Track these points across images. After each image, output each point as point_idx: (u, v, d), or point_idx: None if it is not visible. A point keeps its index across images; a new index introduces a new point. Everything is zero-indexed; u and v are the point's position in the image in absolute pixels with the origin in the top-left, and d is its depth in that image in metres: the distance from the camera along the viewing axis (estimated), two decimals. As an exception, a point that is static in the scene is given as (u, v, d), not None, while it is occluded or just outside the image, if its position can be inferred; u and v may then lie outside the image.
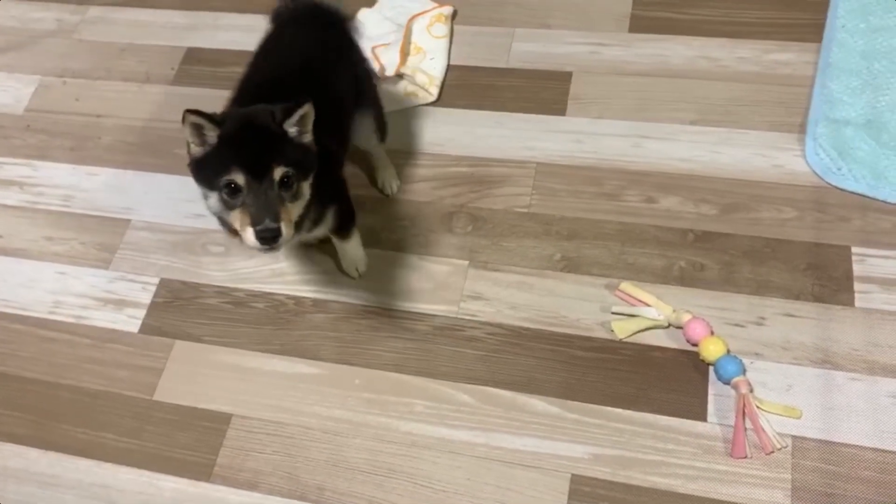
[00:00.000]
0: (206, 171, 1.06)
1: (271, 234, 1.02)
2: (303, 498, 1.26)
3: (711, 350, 1.26)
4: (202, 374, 1.39)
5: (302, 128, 1.07)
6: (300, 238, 1.24)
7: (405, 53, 1.72)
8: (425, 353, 1.36)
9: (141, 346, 1.44)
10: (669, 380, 1.28)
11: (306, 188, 1.10)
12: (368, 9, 1.85)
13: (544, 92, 1.66)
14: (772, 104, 1.57)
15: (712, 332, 1.28)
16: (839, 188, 1.43)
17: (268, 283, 1.48)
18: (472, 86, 1.70)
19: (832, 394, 1.23)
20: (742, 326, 1.31)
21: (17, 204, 1.68)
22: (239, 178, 1.03)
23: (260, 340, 1.42)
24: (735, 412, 1.22)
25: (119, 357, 1.44)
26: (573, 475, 1.22)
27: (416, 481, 1.25)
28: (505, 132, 1.61)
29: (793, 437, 1.20)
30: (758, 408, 1.21)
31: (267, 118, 1.05)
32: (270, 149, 1.04)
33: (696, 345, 1.28)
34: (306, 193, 1.10)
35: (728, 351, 1.26)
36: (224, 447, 1.31)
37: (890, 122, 1.47)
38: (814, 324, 1.30)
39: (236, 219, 1.05)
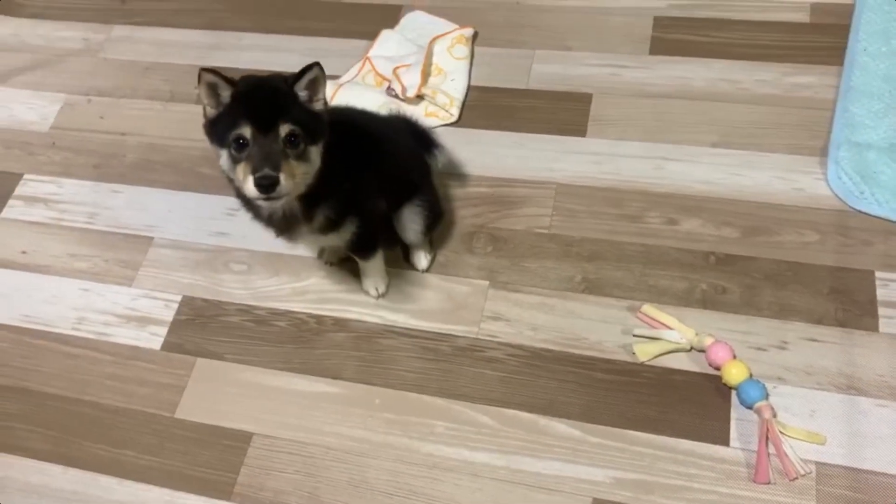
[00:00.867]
0: (218, 128, 1.10)
1: (269, 182, 1.04)
2: (323, 518, 1.26)
3: (734, 374, 1.25)
4: (224, 392, 1.40)
5: (312, 93, 1.11)
6: (316, 239, 1.28)
7: (426, 74, 1.73)
8: (446, 373, 1.36)
9: (163, 363, 1.45)
10: (691, 403, 1.27)
11: (314, 154, 1.12)
12: (390, 30, 1.87)
13: (564, 113, 1.67)
14: (793, 127, 1.57)
15: (734, 356, 1.28)
16: (862, 212, 1.43)
17: (289, 302, 1.49)
18: (492, 107, 1.71)
19: (857, 420, 1.22)
20: (764, 350, 1.31)
21: (42, 220, 1.70)
22: (246, 131, 1.06)
23: (281, 359, 1.42)
24: (758, 437, 1.21)
25: (141, 374, 1.44)
26: (594, 499, 1.21)
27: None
28: (525, 153, 1.62)
29: (817, 464, 1.19)
30: (781, 433, 1.20)
31: (278, 81, 1.10)
32: (279, 107, 1.08)
33: (718, 368, 1.28)
34: (314, 160, 1.12)
35: (751, 375, 1.26)
36: (245, 466, 1.32)
37: (913, 146, 1.47)
38: (837, 349, 1.29)
39: (241, 172, 1.07)
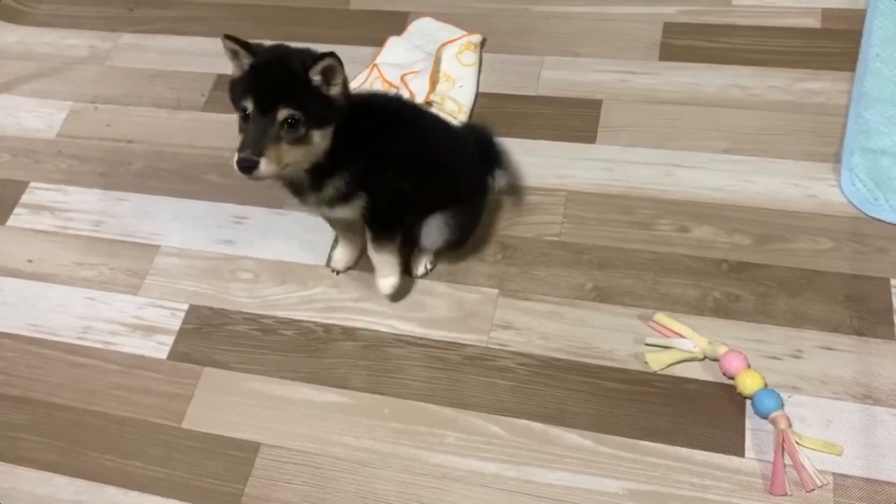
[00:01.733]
0: (234, 92, 1.12)
1: (247, 164, 1.07)
2: (331, 530, 1.24)
3: (748, 383, 1.23)
4: (231, 402, 1.38)
5: (328, 78, 1.10)
6: (317, 209, 1.27)
7: (434, 81, 1.72)
8: (455, 382, 1.35)
9: (169, 372, 1.44)
10: (705, 413, 1.26)
11: (317, 138, 1.12)
12: (398, 37, 1.86)
13: (574, 120, 1.66)
14: (805, 133, 1.55)
15: (749, 365, 1.26)
16: (877, 219, 1.41)
17: (297, 311, 1.47)
18: (501, 113, 1.70)
19: (874, 430, 1.20)
20: (779, 359, 1.29)
21: (47, 229, 1.69)
22: (249, 105, 1.08)
23: (289, 368, 1.41)
24: (774, 447, 1.19)
25: (147, 384, 1.43)
26: (607, 511, 1.20)
27: (447, 515, 1.23)
28: (534, 160, 1.60)
29: (834, 475, 1.17)
30: (797, 443, 1.18)
31: (295, 61, 1.09)
32: (284, 90, 1.08)
33: (732, 378, 1.26)
34: (317, 143, 1.12)
35: (765, 384, 1.24)
36: (252, 477, 1.30)
37: (927, 151, 1.45)
38: (853, 357, 1.27)
39: (239, 142, 1.10)
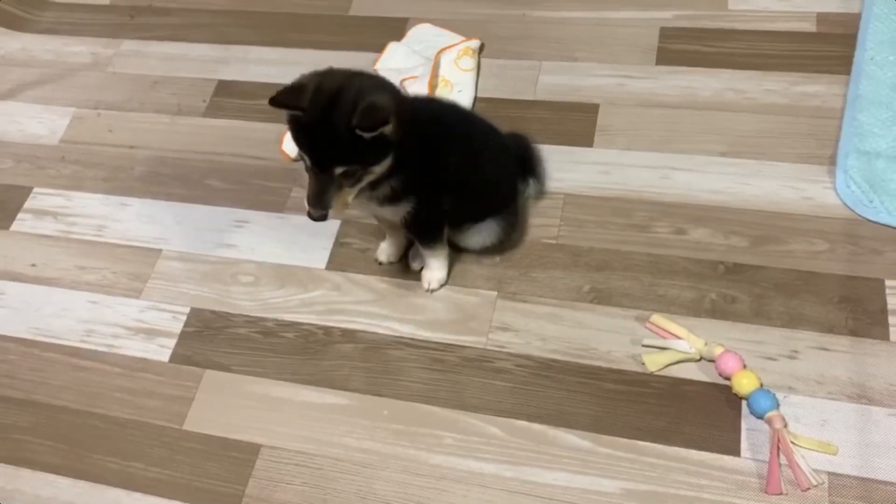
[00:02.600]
0: (291, 130, 1.13)
1: (318, 218, 1.15)
2: (332, 530, 1.25)
3: (744, 384, 1.24)
4: (232, 404, 1.40)
5: (376, 126, 1.09)
6: (367, 205, 1.28)
7: (433, 86, 1.74)
8: (454, 384, 1.36)
9: (171, 375, 1.45)
10: (702, 414, 1.27)
11: (378, 168, 1.15)
12: (397, 42, 1.88)
13: (571, 123, 1.67)
14: (801, 136, 1.56)
15: (745, 366, 1.27)
16: (871, 221, 1.42)
17: (297, 313, 1.49)
18: (499, 118, 1.68)
19: (869, 430, 1.21)
20: (775, 360, 1.30)
21: (51, 233, 1.71)
22: (307, 160, 1.13)
23: (289, 370, 1.42)
24: (769, 447, 1.20)
25: (149, 386, 1.44)
26: (605, 510, 1.21)
27: (446, 515, 1.24)
28: (532, 163, 1.62)
29: (829, 474, 1.18)
30: (793, 443, 1.19)
31: (340, 118, 1.07)
32: (336, 149, 1.10)
33: (728, 378, 1.27)
34: (378, 171, 1.16)
35: (761, 385, 1.25)
36: (253, 478, 1.31)
37: (922, 154, 1.47)
38: (848, 358, 1.28)
39: (306, 181, 1.15)
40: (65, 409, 1.45)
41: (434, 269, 1.46)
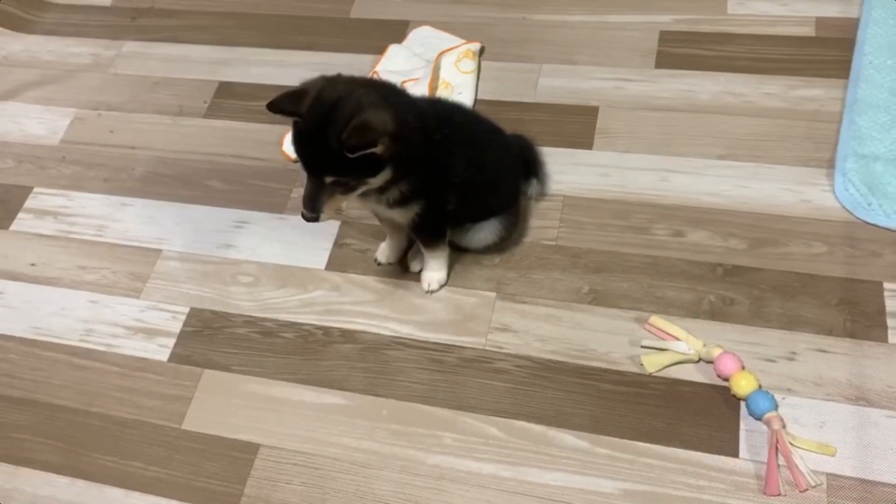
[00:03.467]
0: (292, 132, 1.14)
1: (309, 220, 1.16)
2: (330, 530, 1.25)
3: (743, 385, 1.25)
4: (231, 404, 1.40)
5: (367, 144, 1.09)
6: (374, 207, 1.30)
7: (434, 88, 1.75)
8: (453, 384, 1.36)
9: (170, 374, 1.45)
10: (700, 415, 1.27)
11: (372, 180, 1.16)
12: (398, 45, 1.89)
13: (571, 126, 1.68)
14: (799, 139, 1.57)
15: (743, 367, 1.27)
16: (870, 223, 1.42)
17: (296, 314, 1.49)
18: (499, 120, 1.68)
19: (868, 431, 1.21)
20: (773, 361, 1.30)
21: (51, 233, 1.71)
22: (301, 165, 1.14)
23: (288, 370, 1.42)
24: (768, 448, 1.20)
25: (148, 386, 1.45)
26: (603, 511, 1.21)
27: (444, 515, 1.24)
28: (532, 166, 1.62)
29: (827, 475, 1.18)
30: (791, 444, 1.20)
31: (333, 132, 1.07)
32: (326, 161, 1.11)
33: (726, 379, 1.27)
34: (374, 182, 1.16)
35: (760, 386, 1.25)
36: (251, 477, 1.31)
37: (920, 157, 1.47)
38: (847, 360, 1.29)
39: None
40: (64, 409, 1.45)
41: (434, 270, 1.46)
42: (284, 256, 1.58)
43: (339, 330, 1.46)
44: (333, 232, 1.58)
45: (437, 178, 1.27)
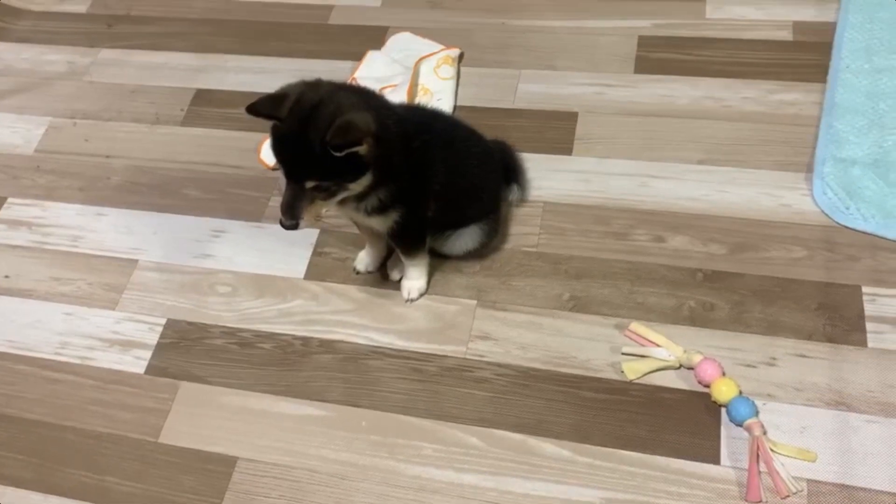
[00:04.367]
0: (271, 138, 1.13)
1: (288, 226, 1.15)
2: (309, 544, 1.23)
3: (723, 391, 1.24)
4: (208, 417, 1.38)
5: (351, 144, 1.08)
6: (352, 214, 1.29)
7: (413, 95, 1.74)
8: (433, 394, 1.35)
9: (146, 387, 1.43)
10: (681, 422, 1.26)
11: (352, 186, 1.15)
12: (376, 51, 1.88)
13: (550, 132, 1.68)
14: (778, 144, 1.57)
15: (724, 373, 1.27)
16: (848, 227, 1.43)
17: (275, 324, 1.47)
18: (479, 126, 1.67)
19: (848, 436, 1.21)
20: (754, 367, 1.30)
21: (25, 244, 1.68)
22: (281, 170, 1.13)
23: (266, 382, 1.40)
24: (749, 455, 1.20)
25: (124, 399, 1.42)
26: (585, 520, 1.20)
27: (425, 526, 1.23)
28: (512, 172, 1.61)
29: (808, 481, 1.18)
30: (772, 450, 1.19)
31: (315, 132, 1.06)
32: (308, 163, 1.10)
33: (707, 386, 1.27)
34: (353, 188, 1.16)
35: (740, 392, 1.24)
36: (229, 491, 1.29)
37: (897, 161, 1.48)
38: (827, 364, 1.29)
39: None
40: (37, 423, 1.42)
41: (414, 279, 1.45)
42: (262, 265, 1.56)
43: (318, 340, 1.44)
44: (312, 241, 1.57)
45: (417, 184, 1.26)
